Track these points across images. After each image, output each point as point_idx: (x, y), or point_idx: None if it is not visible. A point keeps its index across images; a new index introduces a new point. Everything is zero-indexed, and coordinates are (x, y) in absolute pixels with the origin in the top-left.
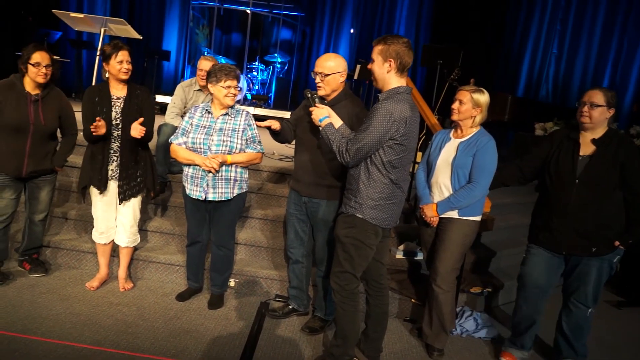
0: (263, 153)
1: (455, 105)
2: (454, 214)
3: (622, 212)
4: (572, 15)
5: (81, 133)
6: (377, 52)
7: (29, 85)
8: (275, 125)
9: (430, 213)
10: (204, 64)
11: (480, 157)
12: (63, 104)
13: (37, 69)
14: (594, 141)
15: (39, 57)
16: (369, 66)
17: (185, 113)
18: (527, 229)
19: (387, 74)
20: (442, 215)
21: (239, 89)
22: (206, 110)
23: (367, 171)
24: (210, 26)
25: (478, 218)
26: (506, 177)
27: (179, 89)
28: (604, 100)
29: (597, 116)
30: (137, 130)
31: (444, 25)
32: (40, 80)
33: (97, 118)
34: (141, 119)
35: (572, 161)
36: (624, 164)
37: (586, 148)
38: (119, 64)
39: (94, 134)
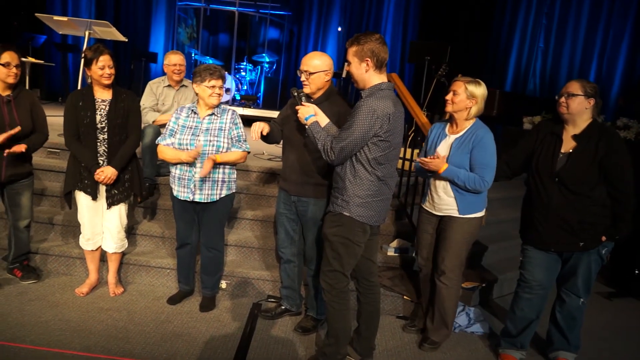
0: (249, 152)
1: (449, 96)
2: (455, 213)
3: (607, 207)
4: (557, 9)
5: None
6: (352, 53)
7: None
8: (265, 129)
9: (441, 159)
10: (172, 58)
11: (479, 154)
12: (34, 103)
13: (7, 69)
14: (575, 136)
15: (9, 57)
16: (347, 68)
17: (159, 110)
18: (517, 222)
19: (366, 74)
20: (444, 214)
21: (227, 89)
22: (192, 110)
23: (353, 169)
24: (197, 27)
25: (480, 214)
26: (495, 174)
27: (147, 88)
28: (582, 90)
29: (574, 106)
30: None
31: (431, 21)
32: (11, 80)
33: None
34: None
35: (552, 159)
36: (603, 159)
37: (568, 144)
38: (101, 70)
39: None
